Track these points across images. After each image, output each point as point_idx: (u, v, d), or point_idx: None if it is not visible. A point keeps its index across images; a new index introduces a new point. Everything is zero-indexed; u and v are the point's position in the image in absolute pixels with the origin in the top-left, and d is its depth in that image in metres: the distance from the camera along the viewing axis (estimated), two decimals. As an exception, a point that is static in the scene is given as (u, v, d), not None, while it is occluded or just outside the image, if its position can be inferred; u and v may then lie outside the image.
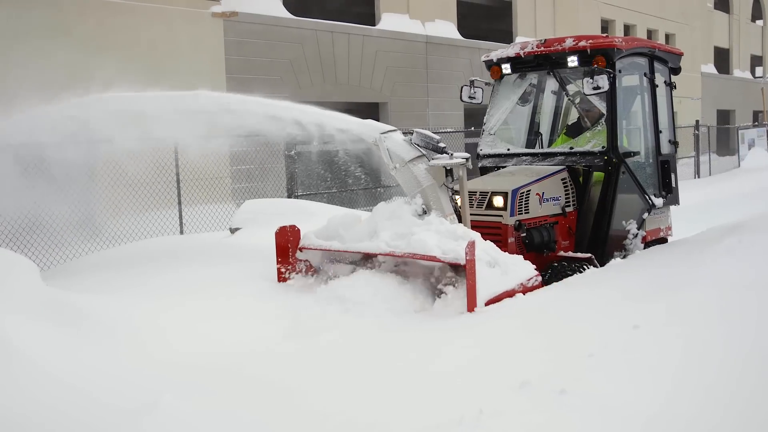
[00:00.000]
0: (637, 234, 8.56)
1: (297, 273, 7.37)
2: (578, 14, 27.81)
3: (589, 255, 7.85)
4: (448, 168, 7.17)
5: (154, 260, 7.95)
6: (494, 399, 3.94)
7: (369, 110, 21.25)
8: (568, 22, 27.33)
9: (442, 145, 7.17)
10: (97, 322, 5.54)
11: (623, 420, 3.53)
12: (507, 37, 24.83)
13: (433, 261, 6.58)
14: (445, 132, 17.79)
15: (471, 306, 6.14)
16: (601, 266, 7.96)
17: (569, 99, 9.05)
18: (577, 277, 7.23)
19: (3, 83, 11.16)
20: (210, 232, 11.62)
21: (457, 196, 7.43)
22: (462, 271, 6.34)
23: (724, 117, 41.38)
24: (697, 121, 27.09)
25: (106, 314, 5.72)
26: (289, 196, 14.80)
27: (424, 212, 7.18)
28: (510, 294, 6.45)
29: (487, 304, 6.24)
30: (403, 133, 7.39)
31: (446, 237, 6.72)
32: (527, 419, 3.65)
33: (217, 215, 12.71)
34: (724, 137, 36.05)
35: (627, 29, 32.21)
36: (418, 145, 7.25)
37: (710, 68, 40.17)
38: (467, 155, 7.18)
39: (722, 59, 42.52)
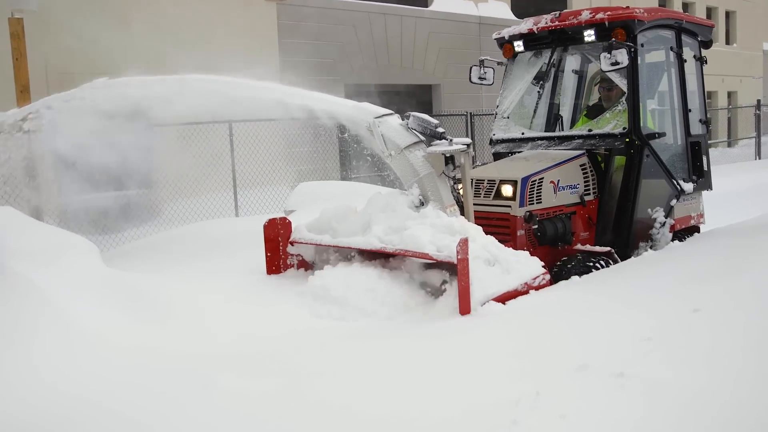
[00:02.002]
0: (664, 222, 7.62)
1: (288, 268, 6.71)
2: (635, -8, 26.40)
3: (608, 249, 6.99)
4: (448, 155, 6.39)
5: (209, 242, 7.94)
6: (551, 382, 3.71)
7: (422, 92, 20.72)
8: (624, 1, 25.86)
9: (440, 130, 6.34)
10: (153, 301, 5.56)
11: (681, 403, 3.31)
12: (562, 17, 23.63)
13: (426, 259, 5.83)
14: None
15: (464, 309, 5.31)
16: (625, 258, 7.14)
17: (589, 77, 8.16)
18: (594, 275, 6.42)
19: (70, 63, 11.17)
20: (265, 214, 11.14)
21: (460, 186, 6.65)
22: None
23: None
24: (759, 101, 25.61)
25: (162, 294, 5.72)
26: (342, 179, 14.42)
27: (422, 204, 6.41)
28: (512, 295, 5.67)
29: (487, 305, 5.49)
30: (401, 117, 6.62)
31: (442, 232, 5.93)
32: (585, 401, 3.44)
33: (271, 198, 12.49)
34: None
35: (685, 7, 30.61)
36: (414, 130, 6.49)
37: (773, 46, 38.11)
38: (468, 141, 6.35)
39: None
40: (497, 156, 8.07)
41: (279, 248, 6.66)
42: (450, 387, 3.92)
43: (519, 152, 7.83)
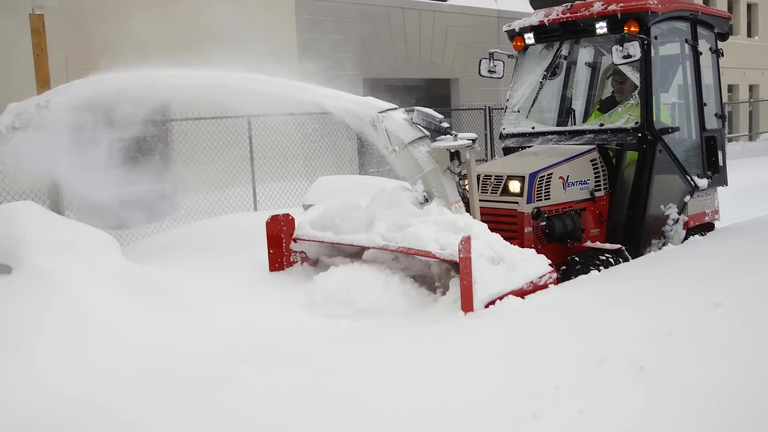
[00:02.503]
0: (677, 219, 7.39)
1: (291, 265, 6.58)
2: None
3: (618, 246, 6.79)
4: (453, 150, 6.22)
5: (225, 237, 7.94)
6: (571, 376, 3.66)
7: (440, 87, 20.52)
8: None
9: (445, 125, 6.16)
10: (171, 294, 5.63)
11: (702, 397, 3.23)
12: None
13: (428, 257, 5.66)
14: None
15: (467, 308, 5.13)
16: (637, 256, 6.94)
17: (602, 70, 7.93)
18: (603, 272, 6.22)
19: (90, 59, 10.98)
20: (283, 209, 11.22)
21: (465, 182, 6.47)
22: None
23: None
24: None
25: (179, 287, 5.79)
26: (360, 173, 14.36)
27: (426, 200, 6.24)
28: (517, 294, 5.49)
29: (489, 305, 5.32)
30: (406, 111, 6.46)
31: (445, 229, 5.75)
32: (605, 396, 3.38)
33: (290, 192, 12.48)
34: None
35: (706, -1, 30.22)
36: (419, 125, 6.31)
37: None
38: (474, 136, 6.16)
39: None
40: (507, 150, 7.86)
41: (282, 245, 6.54)
42: (467, 383, 3.85)
43: (529, 147, 7.63)
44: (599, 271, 6.21)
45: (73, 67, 11.70)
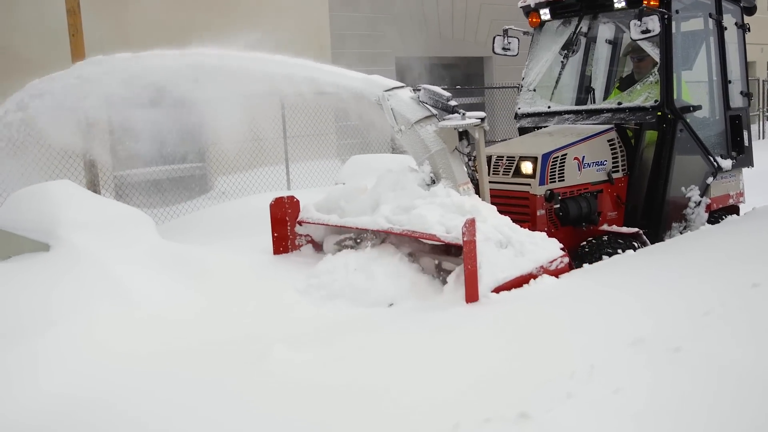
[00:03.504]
0: (699, 202, 7.06)
1: (296, 248, 6.37)
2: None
3: (635, 230, 6.49)
4: (461, 130, 5.95)
5: (255, 217, 7.75)
6: (605, 356, 3.60)
7: (473, 65, 20.21)
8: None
9: (452, 103, 5.88)
10: (203, 273, 5.61)
11: (739, 378, 3.16)
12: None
13: (433, 240, 5.41)
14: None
15: (471, 296, 4.85)
16: (657, 240, 6.65)
17: (623, 47, 7.58)
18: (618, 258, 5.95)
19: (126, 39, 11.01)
20: (316, 187, 11.27)
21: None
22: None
23: None
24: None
25: (211, 265, 5.77)
26: (393, 151, 14.22)
27: (433, 182, 6.00)
28: (526, 279, 5.23)
29: (496, 291, 5.07)
30: (414, 90, 6.19)
31: (451, 211, 5.50)
32: (640, 376, 3.31)
33: (322, 171, 12.42)
34: None
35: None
36: (426, 103, 6.05)
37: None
38: (482, 115, 5.87)
39: None
40: (522, 131, 7.58)
41: (287, 228, 6.34)
42: (502, 362, 3.77)
43: (545, 127, 7.34)
44: (608, 255, 5.94)
45: (110, 48, 11.65)
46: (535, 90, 7.55)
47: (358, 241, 6.08)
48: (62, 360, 4.21)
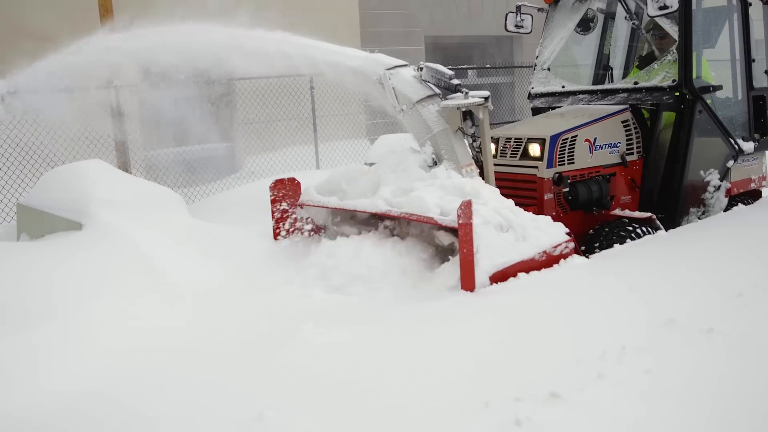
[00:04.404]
0: (719, 186, 6.74)
1: (297, 232, 6.22)
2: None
3: (648, 215, 6.22)
4: (464, 109, 5.73)
5: None
6: (637, 336, 3.58)
7: (503, 43, 19.92)
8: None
9: (455, 81, 5.66)
10: (229, 249, 5.73)
11: None
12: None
13: (430, 223, 5.22)
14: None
15: (467, 283, 4.64)
16: (674, 226, 6.39)
17: (635, 24, 7.26)
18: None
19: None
20: (345, 166, 11.11)
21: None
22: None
23: None
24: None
25: (236, 243, 5.89)
26: None
27: (435, 163, 5.79)
28: (528, 265, 5.02)
29: (495, 279, 4.86)
30: (417, 69, 5.98)
31: (451, 194, 5.31)
32: (671, 356, 3.31)
33: (352, 151, 12.34)
34: None
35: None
36: (428, 82, 5.84)
37: None
38: (486, 94, 5.64)
39: None
40: (535, 111, 7.32)
41: (287, 211, 6.18)
42: (531, 343, 3.72)
43: (559, 107, 7.09)
44: (619, 241, 5.70)
45: (139, 26, 11.65)
46: (549, 69, 7.28)
47: (358, 222, 5.91)
48: (94, 338, 4.24)
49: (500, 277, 4.83)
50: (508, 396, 3.07)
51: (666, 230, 6.09)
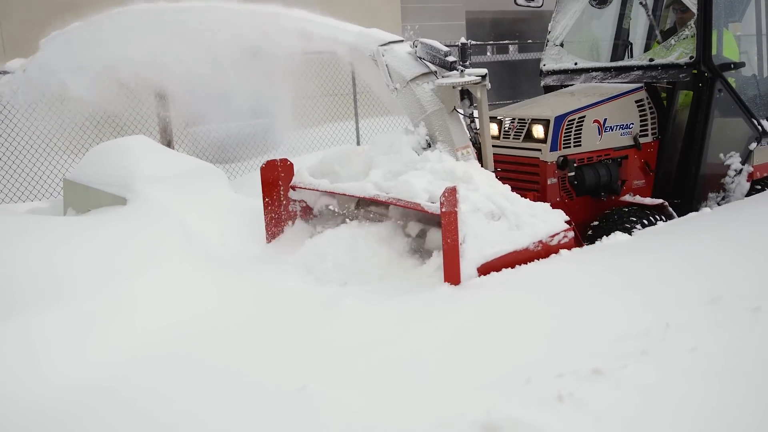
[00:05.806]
0: (741, 170, 6.30)
1: (289, 216, 5.96)
2: None
3: (660, 201, 5.84)
4: (461, 88, 5.40)
5: None
6: (682, 314, 3.49)
7: (547, 19, 19.41)
8: None
9: (451, 59, 5.31)
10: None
11: None
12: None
13: (417, 210, 4.92)
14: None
15: (451, 276, 4.36)
16: (691, 211, 6.00)
17: None
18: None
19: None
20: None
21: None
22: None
23: None
24: None
25: None
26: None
27: (429, 145, 5.49)
28: (521, 255, 4.71)
29: (484, 271, 4.57)
30: (413, 45, 5.66)
31: (441, 178, 5.01)
32: (717, 334, 3.21)
33: (392, 127, 12.03)
34: None
35: None
36: (423, 59, 5.51)
37: None
38: (483, 71, 5.29)
39: None
40: (547, 89, 6.95)
41: (279, 194, 5.93)
42: (573, 319, 3.67)
43: (571, 85, 6.71)
44: (626, 230, 5.35)
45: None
46: (562, 45, 6.88)
47: (356, 207, 5.65)
48: (137, 313, 4.25)
49: (490, 268, 4.53)
50: (549, 373, 3.02)
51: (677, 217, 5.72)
